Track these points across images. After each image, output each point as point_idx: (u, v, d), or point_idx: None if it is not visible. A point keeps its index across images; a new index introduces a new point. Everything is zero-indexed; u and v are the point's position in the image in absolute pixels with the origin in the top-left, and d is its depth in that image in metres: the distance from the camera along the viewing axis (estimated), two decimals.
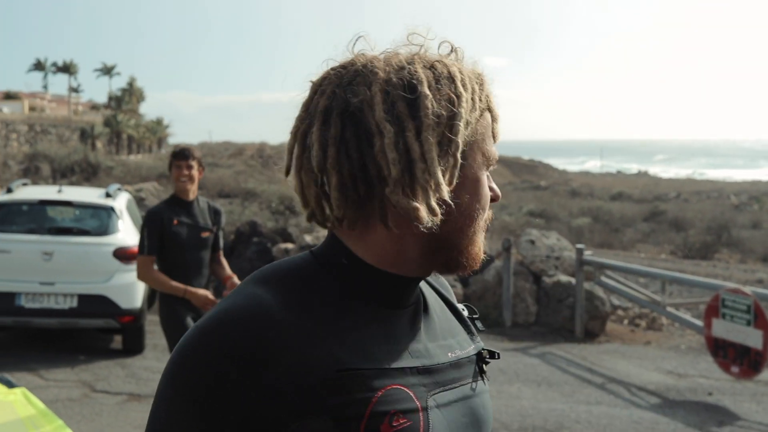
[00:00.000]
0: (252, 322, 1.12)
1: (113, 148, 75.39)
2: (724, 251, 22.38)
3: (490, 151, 1.25)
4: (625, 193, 42.85)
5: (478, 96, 1.23)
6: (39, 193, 9.86)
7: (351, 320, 1.19)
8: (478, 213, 1.24)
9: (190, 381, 1.11)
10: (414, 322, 1.27)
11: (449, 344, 1.31)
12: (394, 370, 1.17)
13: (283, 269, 1.23)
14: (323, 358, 1.12)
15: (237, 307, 1.15)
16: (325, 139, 1.18)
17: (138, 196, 18.37)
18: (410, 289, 1.26)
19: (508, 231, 19.29)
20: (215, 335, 1.12)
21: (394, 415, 1.13)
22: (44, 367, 8.42)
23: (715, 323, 8.42)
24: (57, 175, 30.17)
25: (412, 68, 1.19)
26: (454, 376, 1.27)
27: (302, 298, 1.17)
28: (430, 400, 1.20)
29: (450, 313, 1.40)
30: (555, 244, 12.22)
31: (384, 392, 1.14)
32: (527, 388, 8.23)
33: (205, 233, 5.71)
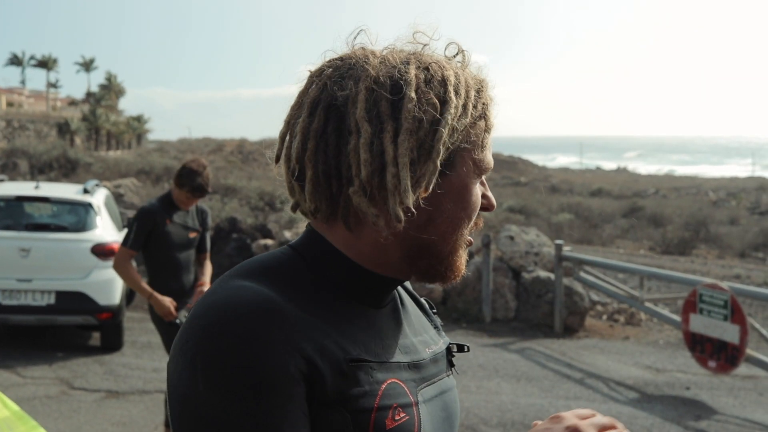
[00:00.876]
0: (264, 307, 1.08)
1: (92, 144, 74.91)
2: (702, 247, 22.52)
3: (483, 159, 1.22)
4: (604, 190, 43.02)
5: (473, 103, 1.20)
6: (16, 189, 9.78)
7: (341, 314, 1.17)
8: (463, 221, 1.21)
9: (238, 377, 1.04)
10: (397, 318, 1.27)
11: (425, 339, 1.31)
12: (392, 363, 1.18)
13: (265, 263, 1.20)
14: (334, 348, 1.10)
15: (238, 296, 1.09)
16: (308, 131, 1.16)
17: (117, 192, 18.27)
18: (390, 290, 1.26)
19: (488, 227, 19.32)
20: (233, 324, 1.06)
21: (396, 409, 1.13)
22: (21, 364, 8.36)
23: (692, 318, 8.47)
24: (35, 171, 29.94)
25: (404, 68, 1.17)
26: (434, 371, 1.27)
27: (293, 292, 1.15)
28: (419, 395, 1.20)
29: (419, 309, 1.40)
30: (534, 239, 12.26)
31: (387, 385, 1.14)
32: (506, 383, 8.25)
33: (192, 234, 5.80)
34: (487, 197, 1.26)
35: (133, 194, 20.75)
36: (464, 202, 1.20)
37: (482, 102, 1.22)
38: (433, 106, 1.15)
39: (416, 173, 1.14)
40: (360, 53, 1.20)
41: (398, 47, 1.24)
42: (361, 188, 1.13)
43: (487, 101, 1.23)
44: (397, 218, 1.13)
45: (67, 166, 31.92)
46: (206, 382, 1.05)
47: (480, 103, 1.22)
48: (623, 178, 65.64)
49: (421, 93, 1.15)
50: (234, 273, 1.17)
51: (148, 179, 29.18)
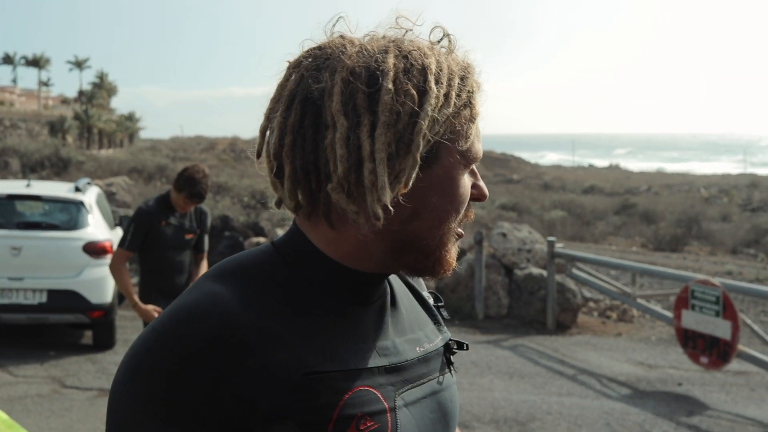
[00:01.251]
0: (210, 322, 1.05)
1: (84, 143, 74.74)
2: (694, 244, 22.58)
3: (471, 149, 1.17)
4: (596, 187, 43.11)
5: (456, 91, 1.14)
6: (7, 188, 9.74)
7: (315, 318, 1.13)
8: (450, 214, 1.16)
9: (149, 386, 1.04)
10: (381, 318, 1.21)
11: (417, 338, 1.26)
12: (362, 370, 1.13)
13: (243, 263, 1.17)
14: (288, 361, 1.06)
15: (194, 305, 1.08)
16: (285, 126, 1.12)
17: (109, 190, 18.24)
18: (376, 286, 1.21)
19: (480, 224, 19.34)
20: (172, 336, 1.05)
21: (362, 417, 1.09)
22: (13, 363, 8.33)
23: (684, 314, 8.49)
24: (27, 169, 29.83)
25: (382, 57, 1.11)
26: (423, 371, 1.23)
27: (263, 295, 1.12)
28: (398, 399, 1.16)
29: (417, 304, 1.35)
30: (527, 236, 12.27)
31: (351, 394, 1.09)
32: (499, 380, 8.26)
33: (189, 235, 5.82)
34: (478, 187, 1.21)
35: (125, 192, 20.71)
36: (451, 195, 1.15)
37: (467, 90, 1.16)
38: (411, 98, 1.09)
39: (395, 168, 1.09)
40: (338, 42, 1.15)
41: (380, 34, 1.18)
42: (339, 185, 1.09)
43: (473, 88, 1.17)
44: (376, 216, 1.09)
45: (58, 165, 31.87)
46: (129, 383, 1.06)
47: (465, 91, 1.16)
48: (615, 175, 65.80)
49: (399, 84, 1.10)
50: (210, 274, 1.15)
51: (140, 178, 29.15)
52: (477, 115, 1.17)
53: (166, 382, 1.03)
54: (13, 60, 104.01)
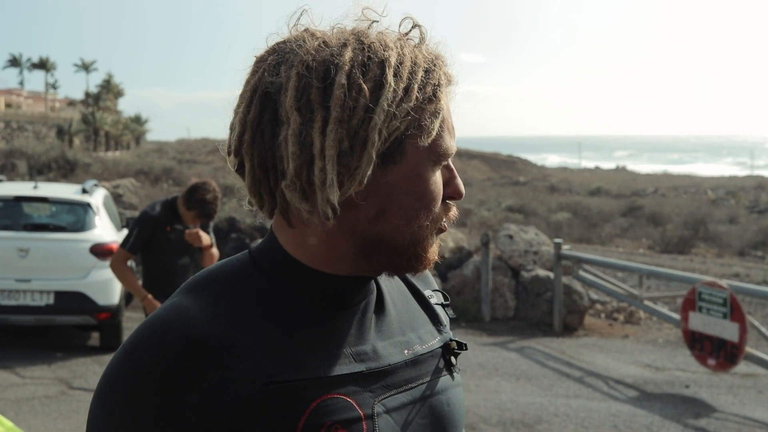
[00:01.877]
0: (171, 337, 1.05)
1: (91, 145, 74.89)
2: (701, 246, 22.53)
3: (440, 145, 1.12)
4: (603, 189, 43.05)
5: (420, 85, 1.09)
6: (14, 190, 9.77)
7: (286, 326, 1.11)
8: (419, 213, 1.12)
9: (119, 405, 1.04)
10: (361, 322, 1.17)
11: (407, 340, 1.22)
12: (333, 378, 1.09)
13: (215, 273, 1.16)
14: (249, 372, 1.05)
15: (159, 321, 1.08)
16: (245, 122, 1.10)
17: (115, 192, 18.27)
18: (354, 289, 1.17)
19: (487, 226, 19.33)
20: (137, 354, 1.06)
21: (331, 426, 1.06)
22: (21, 364, 8.35)
23: (691, 316, 8.47)
24: (34, 171, 29.93)
25: (338, 51, 1.08)
26: (411, 375, 1.19)
27: (233, 306, 1.10)
28: (378, 406, 1.12)
29: (415, 303, 1.30)
30: (533, 238, 12.26)
31: (319, 403, 1.06)
32: (506, 382, 8.25)
33: None
34: (453, 185, 1.17)
35: (132, 194, 20.74)
36: (418, 192, 1.11)
37: (432, 83, 1.11)
38: (365, 92, 1.06)
39: (350, 166, 1.05)
40: (299, 36, 1.12)
41: (348, 27, 1.14)
42: (292, 182, 1.07)
43: (440, 81, 1.12)
44: (325, 215, 1.07)
45: (65, 167, 31.91)
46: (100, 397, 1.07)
47: (429, 84, 1.11)
48: (622, 177, 65.72)
49: (353, 78, 1.06)
50: (183, 287, 1.16)
51: (146, 180, 29.18)
52: (441, 109, 1.11)
53: (133, 401, 1.03)
54: (20, 62, 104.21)
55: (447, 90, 1.14)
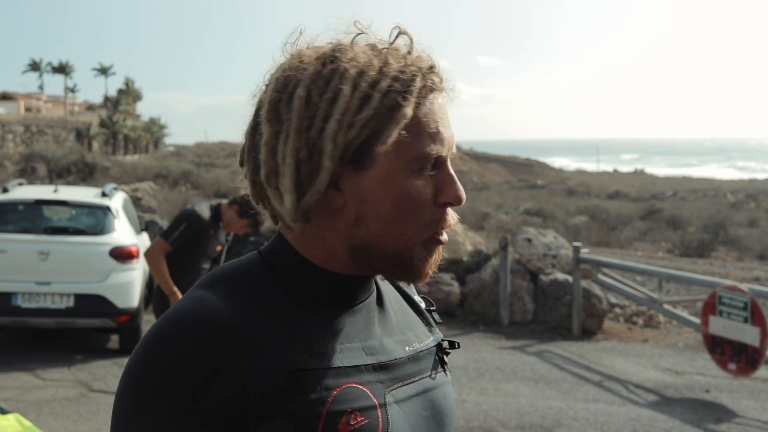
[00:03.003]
0: (200, 326, 1.10)
1: (109, 149, 75.33)
2: (721, 249, 22.41)
3: (416, 149, 1.15)
4: (621, 192, 42.89)
5: (382, 93, 1.12)
6: (35, 193, 9.84)
7: (298, 320, 1.17)
8: (401, 220, 1.15)
9: (148, 391, 1.08)
10: (367, 318, 1.24)
11: (407, 338, 1.28)
12: (349, 368, 1.16)
13: (229, 271, 1.21)
14: (276, 360, 1.10)
15: (184, 311, 1.13)
16: (246, 133, 1.22)
17: (134, 195, 18.34)
18: (358, 287, 1.23)
19: (505, 230, 19.30)
20: (163, 341, 1.10)
21: (351, 413, 1.12)
22: (41, 366, 8.40)
23: (712, 321, 8.42)
24: (53, 175, 30.14)
25: (305, 66, 1.15)
26: (413, 369, 1.25)
27: (248, 300, 1.16)
28: (388, 396, 1.18)
29: (407, 307, 1.37)
30: (552, 242, 12.22)
31: (339, 391, 1.12)
32: (525, 386, 8.22)
33: (219, 247, 6.19)
34: (447, 190, 1.18)
35: (151, 198, 20.82)
36: (396, 198, 1.15)
37: (397, 90, 1.14)
38: (323, 103, 1.12)
39: (310, 173, 1.12)
40: (294, 53, 1.20)
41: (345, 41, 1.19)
42: (267, 188, 1.17)
43: (411, 88, 1.15)
44: (291, 219, 1.16)
45: (84, 171, 32.12)
46: (133, 397, 1.10)
47: (394, 92, 1.13)
48: (640, 180, 65.43)
49: (312, 90, 1.13)
50: (199, 282, 1.21)
51: (165, 183, 29.32)
52: (404, 117, 1.13)
53: (161, 386, 1.08)
54: (40, 67, 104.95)
55: (432, 96, 1.17)
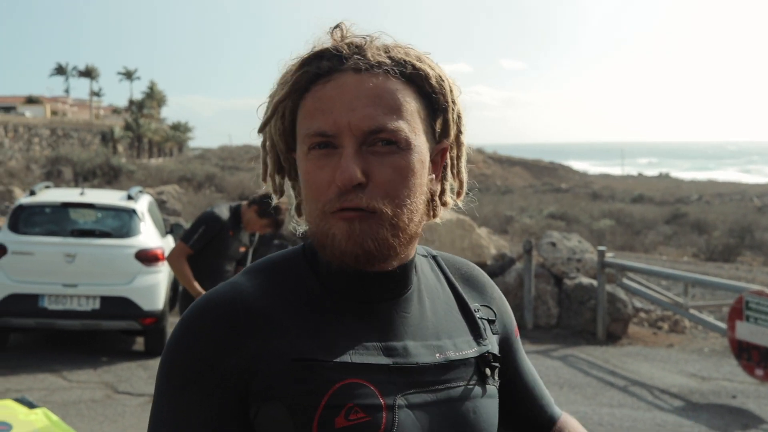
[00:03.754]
0: (224, 309, 1.18)
1: (134, 152, 75.81)
2: (747, 254, 22.22)
3: (300, 132, 1.21)
4: (646, 196, 42.63)
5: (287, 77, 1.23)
6: (61, 196, 9.92)
7: (321, 312, 1.20)
8: (308, 202, 1.21)
9: (171, 359, 1.19)
10: (395, 318, 1.24)
11: (442, 344, 1.26)
12: (358, 365, 1.16)
13: (272, 260, 1.28)
14: (283, 347, 1.16)
15: (216, 295, 1.21)
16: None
17: (159, 198, 18.45)
18: (376, 284, 1.23)
19: (529, 233, 19.23)
20: (194, 322, 1.19)
21: (351, 408, 1.13)
22: (67, 368, 8.46)
23: (738, 326, 8.35)
24: (79, 178, 30.38)
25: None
26: (439, 377, 1.23)
27: (278, 289, 1.22)
28: (400, 399, 1.18)
29: (458, 313, 1.33)
30: (576, 246, 12.16)
31: (341, 385, 1.14)
32: (549, 390, 8.15)
33: (242, 248, 6.23)
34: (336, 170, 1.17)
35: (176, 201, 20.94)
36: (304, 182, 1.22)
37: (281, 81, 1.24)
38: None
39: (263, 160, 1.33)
40: None
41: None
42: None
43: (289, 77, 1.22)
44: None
45: (110, 174, 32.36)
46: (160, 365, 1.21)
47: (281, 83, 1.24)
48: (665, 184, 65.02)
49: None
50: (244, 270, 1.28)
51: (189, 186, 29.45)
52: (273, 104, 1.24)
53: (182, 355, 1.18)
54: (66, 71, 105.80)
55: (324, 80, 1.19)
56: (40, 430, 3.17)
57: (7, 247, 8.88)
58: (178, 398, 1.17)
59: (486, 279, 1.45)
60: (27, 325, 8.93)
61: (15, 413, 3.37)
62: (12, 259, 8.85)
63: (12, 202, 16.00)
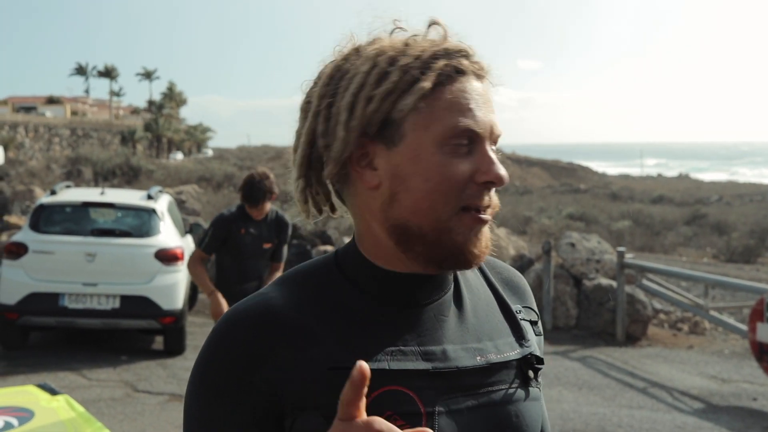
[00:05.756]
0: (255, 320, 1.17)
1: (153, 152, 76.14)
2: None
3: (445, 125, 1.17)
4: (666, 197, 42.42)
5: (402, 68, 1.18)
6: (82, 195, 9.97)
7: (356, 320, 1.19)
8: (431, 195, 1.16)
9: (207, 377, 1.18)
10: (434, 322, 1.22)
11: (482, 347, 1.24)
12: (396, 371, 1.15)
13: (304, 269, 1.26)
14: (318, 356, 1.14)
15: (246, 306, 1.20)
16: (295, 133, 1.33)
17: (179, 198, 18.52)
18: (418, 288, 1.22)
19: (548, 234, 19.17)
20: (225, 333, 1.18)
21: (390, 417, 1.10)
22: (87, 367, 8.51)
23: (759, 327, 8.29)
24: (99, 178, 30.54)
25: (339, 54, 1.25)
26: (480, 381, 1.21)
27: (313, 298, 1.20)
28: (441, 405, 1.16)
29: (499, 315, 1.31)
30: (596, 247, 12.11)
31: (380, 393, 1.12)
32: (568, 391, 8.16)
33: (267, 244, 5.99)
34: (483, 170, 1.18)
35: (195, 201, 21.00)
36: (424, 173, 1.17)
37: (417, 66, 1.19)
38: (345, 80, 1.21)
39: (327, 145, 1.21)
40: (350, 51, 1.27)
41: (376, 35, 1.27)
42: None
43: (433, 64, 1.20)
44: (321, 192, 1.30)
45: (129, 173, 32.52)
46: (191, 377, 1.21)
47: (414, 68, 1.18)
48: (685, 185, 64.66)
49: (335, 71, 1.23)
50: (276, 280, 1.27)
51: (208, 186, 29.56)
52: (422, 89, 1.18)
53: (214, 367, 1.17)
54: (86, 71, 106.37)
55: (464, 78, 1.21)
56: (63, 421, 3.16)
57: (28, 246, 8.94)
58: (210, 410, 1.17)
59: (526, 284, 1.43)
60: (47, 323, 8.98)
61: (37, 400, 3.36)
62: (33, 258, 8.90)
63: (33, 202, 16.09)
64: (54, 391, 3.48)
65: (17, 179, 27.76)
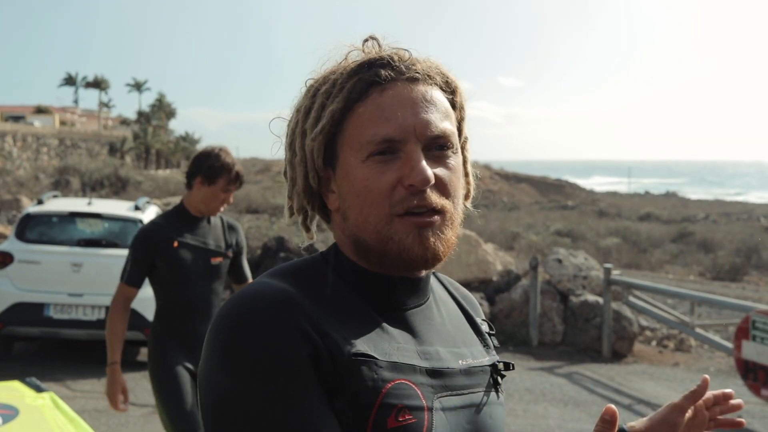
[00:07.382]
0: (281, 300, 1.16)
1: (142, 163, 75.98)
2: (754, 273, 22.13)
3: (360, 138, 1.22)
4: (653, 214, 42.53)
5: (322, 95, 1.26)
6: (69, 205, 9.94)
7: (356, 315, 1.22)
8: (362, 206, 1.22)
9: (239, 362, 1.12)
10: (424, 324, 1.28)
11: (461, 352, 1.31)
12: (404, 365, 1.19)
13: (295, 267, 1.28)
14: (341, 341, 1.16)
15: (253, 289, 1.18)
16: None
17: (166, 210, 18.48)
18: (402, 290, 1.28)
19: (535, 250, 19.19)
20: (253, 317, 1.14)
21: (401, 409, 1.15)
22: (71, 377, 8.46)
23: (745, 345, 8.31)
24: (87, 188, 30.45)
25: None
26: (464, 382, 1.27)
27: (314, 291, 1.22)
28: (436, 402, 1.20)
29: (466, 325, 1.40)
30: (582, 263, 12.14)
31: (393, 384, 1.16)
32: (553, 407, 8.16)
33: (216, 258, 4.22)
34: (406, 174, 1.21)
35: None
36: (354, 188, 1.23)
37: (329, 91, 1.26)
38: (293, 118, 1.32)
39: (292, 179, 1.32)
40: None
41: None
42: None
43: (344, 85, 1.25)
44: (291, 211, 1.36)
45: (117, 184, 32.45)
46: (232, 371, 1.12)
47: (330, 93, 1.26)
48: (672, 202, 64.87)
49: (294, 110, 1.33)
50: (264, 274, 1.26)
51: None
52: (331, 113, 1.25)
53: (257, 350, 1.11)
54: (76, 81, 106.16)
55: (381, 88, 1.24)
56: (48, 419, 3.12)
57: (14, 255, 8.90)
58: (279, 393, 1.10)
59: (477, 302, 1.51)
60: (32, 334, 8.93)
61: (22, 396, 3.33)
62: (18, 268, 8.86)
63: (20, 211, 16.04)
64: (39, 388, 3.44)
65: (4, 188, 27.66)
